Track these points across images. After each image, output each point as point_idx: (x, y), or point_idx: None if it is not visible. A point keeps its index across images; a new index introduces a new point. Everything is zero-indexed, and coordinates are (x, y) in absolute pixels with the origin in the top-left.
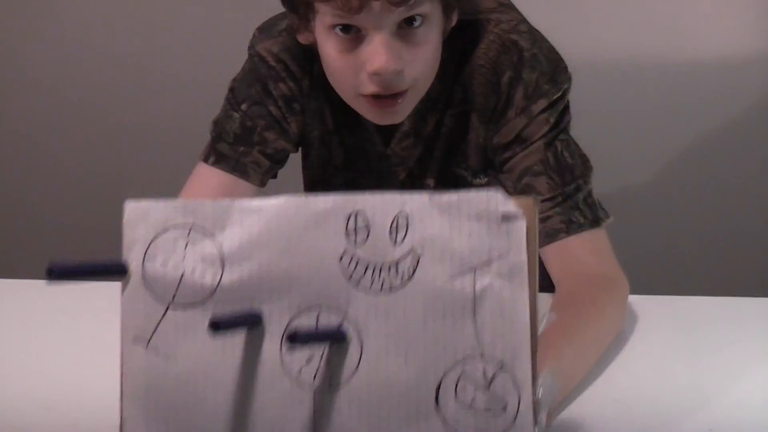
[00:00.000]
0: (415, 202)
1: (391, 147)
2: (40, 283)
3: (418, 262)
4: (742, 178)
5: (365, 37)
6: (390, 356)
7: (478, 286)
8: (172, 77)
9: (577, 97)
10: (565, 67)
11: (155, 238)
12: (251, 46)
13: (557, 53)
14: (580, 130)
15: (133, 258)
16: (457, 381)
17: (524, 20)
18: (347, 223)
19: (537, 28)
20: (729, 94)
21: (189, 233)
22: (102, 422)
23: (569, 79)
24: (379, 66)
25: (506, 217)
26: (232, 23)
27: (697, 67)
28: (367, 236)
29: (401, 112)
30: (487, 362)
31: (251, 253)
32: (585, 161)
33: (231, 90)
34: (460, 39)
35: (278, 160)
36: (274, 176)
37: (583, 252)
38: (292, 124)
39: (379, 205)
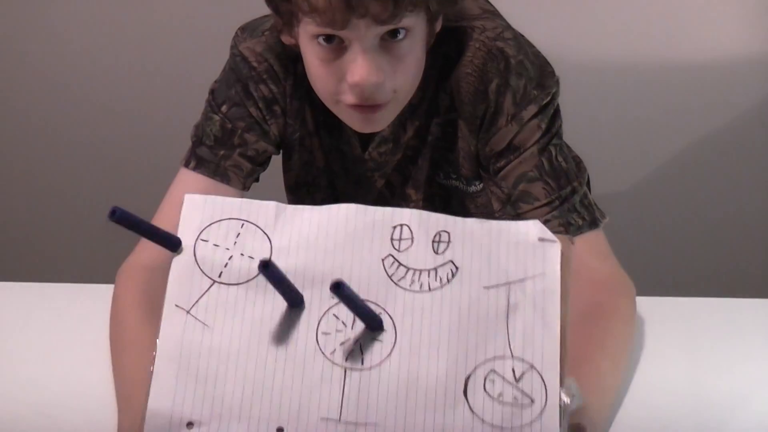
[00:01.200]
0: (458, 224)
1: (368, 151)
2: (40, 286)
3: (456, 270)
4: (742, 179)
5: (347, 48)
6: (422, 349)
7: (512, 300)
8: (170, 77)
9: (577, 98)
10: (552, 72)
11: (210, 225)
12: (234, 45)
13: (543, 58)
14: (580, 130)
15: (186, 238)
16: (486, 375)
17: (509, 27)
18: (393, 232)
19: (537, 29)
20: (728, 95)
21: (242, 226)
22: (103, 428)
23: (557, 82)
24: (359, 78)
25: (543, 240)
26: (223, 25)
27: (696, 68)
28: (410, 245)
29: (381, 121)
30: (516, 362)
31: (299, 248)
32: (578, 164)
33: (211, 92)
34: (444, 46)
35: (260, 163)
36: (257, 179)
37: (587, 256)
38: (272, 126)
39: (425, 221)
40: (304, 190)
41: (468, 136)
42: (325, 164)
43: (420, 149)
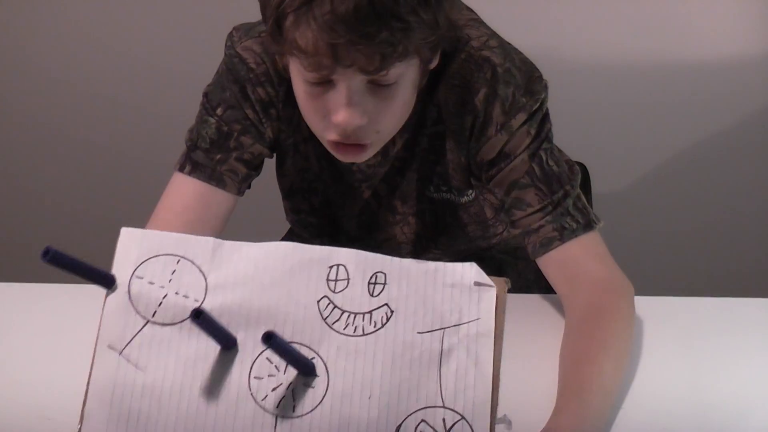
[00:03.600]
0: (395, 264)
1: (356, 164)
2: (38, 287)
3: (391, 314)
4: (742, 179)
5: (334, 86)
6: (354, 394)
7: (446, 345)
8: (166, 81)
9: (576, 99)
10: (540, 76)
11: (146, 261)
12: (230, 46)
13: (530, 63)
14: (579, 131)
15: (121, 273)
16: (417, 425)
17: (494, 34)
18: (329, 272)
19: (536, 29)
20: (729, 95)
21: (178, 262)
22: None
23: (545, 87)
24: (342, 120)
25: (479, 284)
26: (218, 28)
27: (697, 68)
28: (346, 286)
29: (362, 157)
30: (447, 412)
31: (235, 284)
32: (571, 167)
33: (205, 95)
34: None
35: (255, 166)
36: (249, 186)
37: (584, 259)
38: (268, 129)
39: (362, 262)
40: (300, 196)
41: (456, 149)
42: (320, 170)
43: (408, 161)
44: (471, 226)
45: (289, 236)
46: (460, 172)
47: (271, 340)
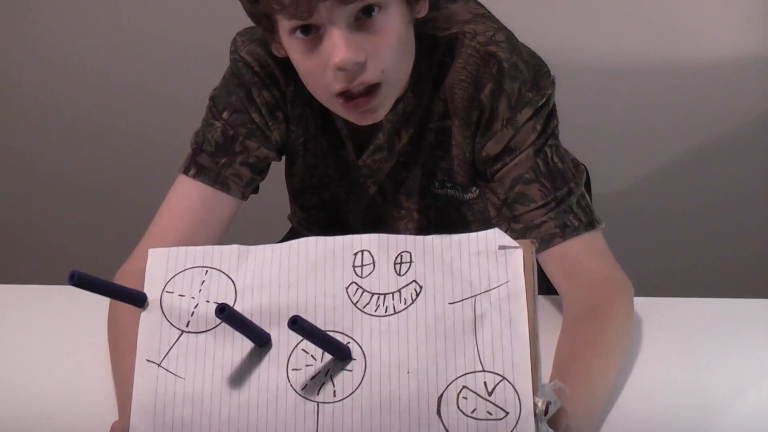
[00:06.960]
0: (419, 242)
1: (362, 159)
2: (39, 288)
3: (420, 289)
4: (741, 179)
5: (325, 34)
6: (392, 372)
7: (478, 311)
8: (170, 83)
9: (576, 99)
10: (547, 72)
11: (174, 276)
12: (234, 51)
13: (538, 58)
14: (580, 130)
15: (152, 291)
16: (459, 392)
17: (501, 28)
18: (354, 259)
19: (537, 28)
20: (729, 95)
21: (207, 273)
22: (101, 430)
23: (552, 83)
24: (340, 59)
25: (504, 247)
26: (223, 33)
27: (697, 68)
28: (372, 270)
29: (378, 109)
30: (487, 375)
31: (262, 284)
32: (576, 165)
33: (211, 99)
34: (438, 54)
35: (260, 171)
36: (255, 191)
37: (585, 257)
38: (274, 132)
39: (384, 244)
40: (309, 193)
41: (462, 143)
42: (326, 166)
43: (413, 156)
44: (475, 225)
45: (290, 236)
46: (464, 168)
47: (297, 323)
